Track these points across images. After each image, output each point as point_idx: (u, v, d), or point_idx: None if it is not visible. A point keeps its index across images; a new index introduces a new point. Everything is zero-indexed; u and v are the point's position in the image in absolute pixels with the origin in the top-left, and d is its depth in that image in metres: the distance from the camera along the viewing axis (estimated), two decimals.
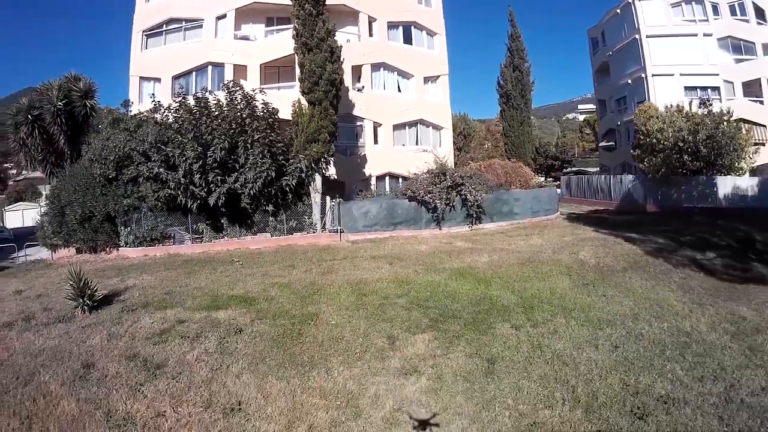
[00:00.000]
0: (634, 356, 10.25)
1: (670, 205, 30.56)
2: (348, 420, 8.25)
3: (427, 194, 22.62)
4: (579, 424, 7.93)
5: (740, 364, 9.72)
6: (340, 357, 10.22)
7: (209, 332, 11.07)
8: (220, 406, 8.55)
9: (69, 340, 10.99)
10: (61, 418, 7.96)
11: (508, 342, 10.90)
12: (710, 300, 13.75)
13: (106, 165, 20.22)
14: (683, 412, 8.05)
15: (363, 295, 13.23)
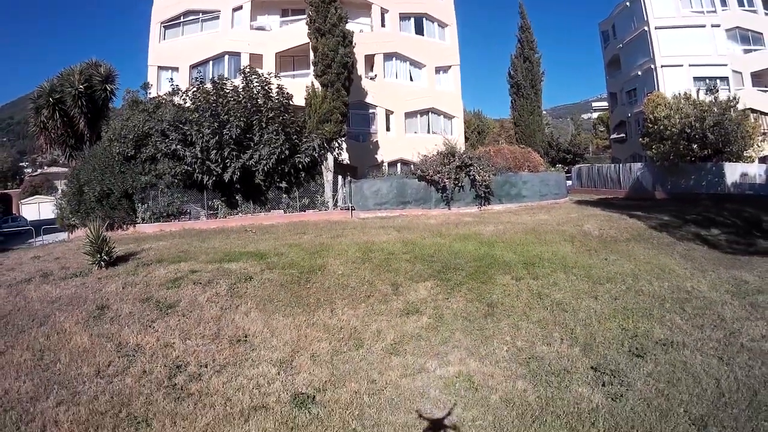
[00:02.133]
0: (633, 307, 10.75)
1: (679, 191, 30.80)
2: (349, 350, 8.85)
3: (436, 174, 23.17)
4: (576, 359, 8.48)
5: (741, 316, 10.19)
6: (345, 300, 10.82)
7: (220, 279, 11.72)
8: (227, 338, 9.18)
9: (85, 289, 11.67)
10: (73, 350, 8.63)
11: (508, 290, 11.44)
12: (712, 267, 14.14)
13: (125, 143, 21.03)
14: (682, 352, 8.55)
15: (369, 252, 13.82)
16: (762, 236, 19.00)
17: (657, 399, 7.04)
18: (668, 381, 7.57)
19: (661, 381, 7.58)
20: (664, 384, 7.47)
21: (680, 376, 7.70)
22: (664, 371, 7.89)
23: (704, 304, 11.02)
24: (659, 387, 7.39)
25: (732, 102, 30.01)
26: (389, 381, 7.70)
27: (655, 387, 7.40)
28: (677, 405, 6.87)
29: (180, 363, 8.29)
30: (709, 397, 7.03)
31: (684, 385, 7.41)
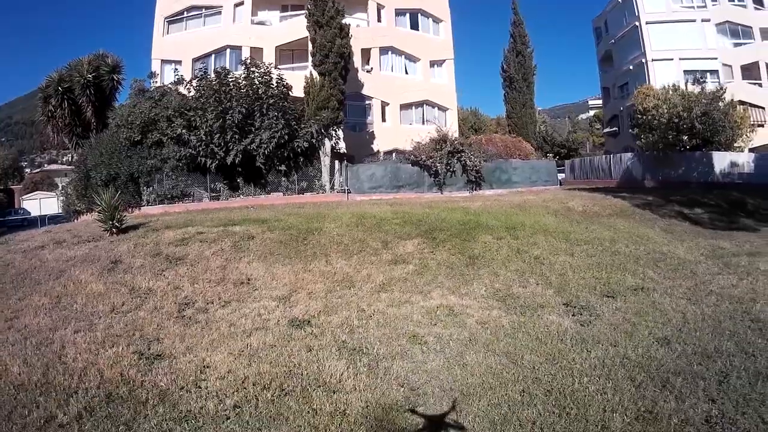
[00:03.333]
0: (607, 263, 11.65)
1: (668, 180, 31.58)
2: (342, 289, 9.79)
3: (428, 159, 24.11)
4: (550, 298, 9.40)
5: (713, 272, 11.05)
6: (339, 253, 11.77)
7: (225, 239, 12.65)
8: (232, 282, 10.11)
9: (98, 250, 12.56)
10: (89, 295, 9.54)
11: (490, 247, 12.35)
12: (691, 238, 15.01)
13: (132, 129, 21.96)
14: (652, 295, 9.44)
15: (362, 218, 14.74)
16: (746, 216, 19.83)
17: (623, 325, 7.84)
18: (636, 313, 8.36)
19: (628, 313, 8.39)
20: (631, 315, 8.27)
21: (648, 310, 8.50)
22: (632, 307, 8.72)
23: (678, 263, 11.87)
24: (627, 317, 8.20)
25: (719, 92, 30.83)
26: (377, 310, 8.60)
27: (623, 317, 8.21)
28: (643, 329, 7.62)
29: (188, 301, 9.21)
30: (674, 325, 7.77)
31: (651, 317, 8.18)
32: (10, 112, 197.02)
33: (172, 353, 6.98)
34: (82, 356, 6.83)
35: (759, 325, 7.52)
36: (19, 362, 6.62)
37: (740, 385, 5.56)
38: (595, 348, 6.90)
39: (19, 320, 8.29)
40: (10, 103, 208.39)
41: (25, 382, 6.12)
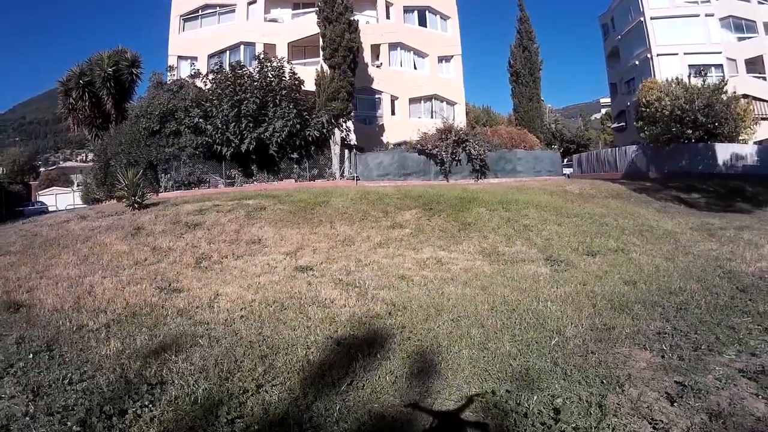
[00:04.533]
0: (594, 231, 12.49)
1: (672, 171, 32.14)
2: (343, 247, 10.79)
3: (434, 148, 24.98)
4: (532, 254, 10.33)
5: (695, 240, 11.84)
6: (343, 221, 12.76)
7: (239, 209, 13.70)
8: (244, 241, 11.16)
9: (121, 220, 13.68)
10: (114, 253, 10.64)
11: (482, 216, 13.28)
12: (682, 216, 15.76)
13: (151, 119, 23.12)
14: (631, 254, 10.30)
15: (366, 194, 15.75)
16: (743, 201, 20.44)
17: (596, 272, 8.68)
18: (611, 265, 9.19)
19: (604, 265, 9.23)
20: (606, 267, 9.09)
21: (623, 264, 9.32)
22: (609, 261, 9.57)
23: (663, 233, 12.66)
24: (602, 267, 9.04)
25: (721, 85, 31.38)
26: (373, 260, 9.59)
27: (598, 267, 9.07)
28: (614, 275, 8.42)
29: (205, 256, 10.25)
30: (645, 273, 8.55)
31: (624, 268, 8.99)
32: (23, 112, 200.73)
33: (189, 288, 8.02)
34: (108, 292, 7.87)
35: (729, 275, 8.23)
36: (52, 297, 7.66)
37: (698, 312, 6.28)
38: (565, 285, 7.80)
39: (50, 271, 9.34)
40: (24, 104, 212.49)
41: (59, 308, 7.17)
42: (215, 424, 3.80)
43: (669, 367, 4.63)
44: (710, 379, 4.36)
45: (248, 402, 4.14)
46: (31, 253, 10.85)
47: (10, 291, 7.95)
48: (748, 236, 11.83)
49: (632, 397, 4.05)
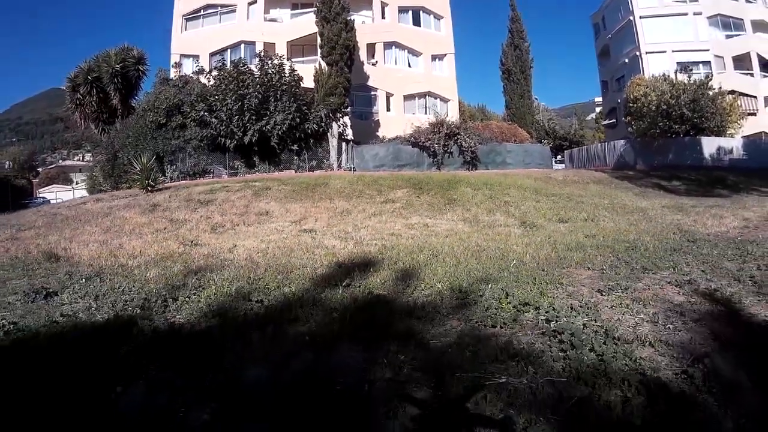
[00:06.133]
0: (570, 207, 13.63)
1: (659, 164, 33.26)
2: (341, 216, 12.00)
3: (427, 140, 26.16)
4: (509, 222, 11.54)
5: (665, 214, 12.83)
6: (341, 197, 13.95)
7: (246, 189, 14.88)
8: (254, 213, 12.34)
9: (136, 200, 14.80)
10: (134, 225, 11.81)
11: (467, 194, 14.46)
12: (658, 198, 16.82)
13: (157, 113, 24.29)
14: (599, 222, 11.40)
15: (362, 178, 17.01)
16: (722, 188, 21.42)
17: (563, 232, 9.81)
18: (578, 228, 10.28)
19: (572, 228, 10.36)
20: (574, 229, 10.22)
21: (589, 227, 10.43)
22: (577, 225, 10.71)
23: (635, 209, 13.75)
24: (569, 229, 10.17)
25: (707, 81, 32.55)
26: (368, 225, 10.80)
27: (566, 229, 10.22)
28: (578, 233, 9.49)
29: (219, 224, 11.42)
30: (607, 232, 9.56)
31: (589, 229, 10.07)
32: (20, 113, 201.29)
33: (209, 243, 9.22)
34: (137, 248, 9.04)
35: (685, 234, 9.21)
36: (87, 253, 8.81)
37: (645, 252, 7.31)
38: (533, 239, 8.96)
39: (78, 238, 10.48)
40: (21, 104, 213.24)
41: (96, 257, 8.34)
42: (247, 304, 5.00)
43: (605, 278, 5.79)
44: (640, 285, 5.49)
45: (272, 293, 5.34)
46: (55, 227, 11.94)
47: (46, 249, 9.05)
48: (716, 211, 12.74)
49: (568, 290, 5.23)
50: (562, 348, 3.62)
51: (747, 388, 2.99)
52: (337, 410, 2.91)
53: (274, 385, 3.23)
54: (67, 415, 2.89)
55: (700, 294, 4.95)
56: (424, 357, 3.56)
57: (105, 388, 3.17)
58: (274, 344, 3.88)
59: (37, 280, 6.66)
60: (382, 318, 4.42)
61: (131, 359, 3.66)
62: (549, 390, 3.04)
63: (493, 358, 3.50)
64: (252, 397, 3.08)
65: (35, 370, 3.49)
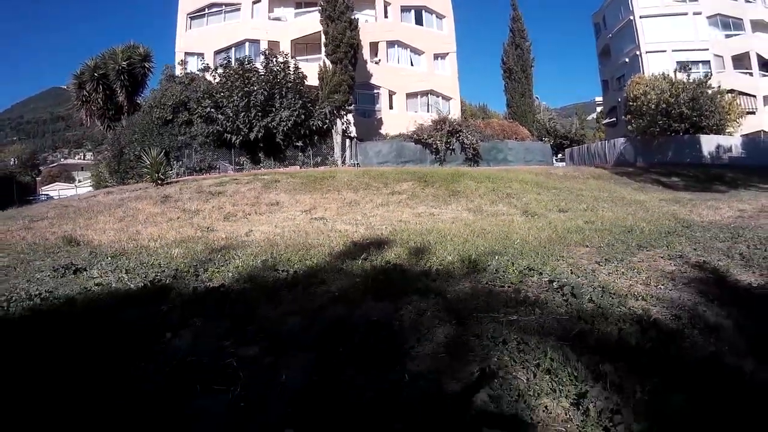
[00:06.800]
0: (570, 199, 14.02)
1: (658, 162, 33.62)
2: (350, 206, 12.38)
3: (429, 137, 26.62)
4: (511, 211, 11.93)
5: (662, 205, 13.22)
6: (349, 189, 14.33)
7: (255, 182, 15.26)
8: (264, 204, 12.71)
9: (147, 192, 15.16)
10: (148, 214, 12.20)
11: (470, 187, 14.84)
12: (657, 193, 17.20)
13: (164, 109, 24.68)
14: (598, 211, 11.74)
15: (368, 172, 17.41)
16: (720, 184, 21.76)
17: (563, 219, 10.18)
18: (578, 216, 10.68)
19: (571, 217, 10.72)
20: (574, 217, 10.61)
21: (589, 215, 10.76)
22: (576, 215, 11.05)
23: (634, 201, 14.17)
24: (570, 217, 10.55)
25: (705, 79, 32.94)
26: (376, 214, 11.19)
27: (567, 217, 10.60)
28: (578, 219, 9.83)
29: (231, 214, 11.82)
30: (605, 219, 9.79)
31: (587, 217, 10.40)
32: (21, 112, 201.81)
33: (224, 229, 9.59)
34: (155, 233, 9.41)
35: (680, 221, 9.59)
36: (105, 238, 9.23)
37: (640, 235, 7.69)
38: (534, 224, 9.36)
39: (93, 226, 10.87)
40: (22, 103, 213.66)
41: (115, 241, 8.73)
42: (274, 273, 5.39)
43: (603, 253, 6.19)
44: (635, 259, 5.90)
45: (295, 265, 5.75)
46: (67, 218, 12.30)
47: (64, 235, 9.41)
48: (712, 204, 13.17)
49: (569, 262, 5.63)
50: (565, 298, 4.06)
51: (728, 327, 3.38)
52: (372, 341, 3.30)
53: (313, 328, 3.61)
54: (119, 358, 3.24)
55: (691, 265, 5.36)
56: (444, 304, 3.97)
57: (153, 336, 3.54)
58: (306, 300, 4.28)
59: (62, 260, 6.96)
60: (401, 280, 4.84)
61: (174, 315, 4.04)
62: (555, 325, 3.47)
63: (504, 305, 3.93)
64: (294, 338, 3.46)
65: (80, 328, 3.83)
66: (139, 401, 2.61)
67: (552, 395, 2.57)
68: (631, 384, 2.56)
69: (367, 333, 3.39)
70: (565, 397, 2.53)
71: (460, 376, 2.78)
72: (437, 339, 3.29)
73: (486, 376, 2.67)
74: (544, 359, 2.84)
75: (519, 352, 2.99)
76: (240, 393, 2.66)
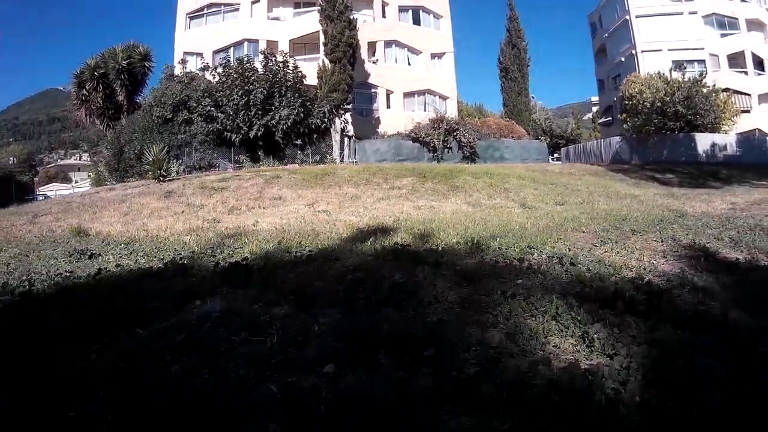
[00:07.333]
0: (566, 193, 14.31)
1: (653, 159, 33.94)
2: (352, 201, 12.64)
3: (427, 136, 26.94)
4: (510, 204, 12.18)
5: (656, 199, 13.52)
6: (350, 184, 14.58)
7: (257, 178, 15.49)
8: (267, 199, 12.94)
9: (150, 188, 15.37)
10: (152, 209, 12.42)
11: (468, 182, 15.12)
12: (652, 188, 17.49)
13: (164, 108, 24.89)
14: (594, 204, 12.01)
15: (367, 168, 17.69)
16: (715, 180, 22.07)
17: (560, 211, 10.47)
18: (574, 208, 10.91)
19: (568, 209, 11.00)
20: (570, 208, 10.88)
21: (585, 208, 11.06)
22: (572, 207, 11.37)
23: (628, 195, 14.46)
24: (567, 209, 10.77)
25: (700, 78, 33.26)
26: (378, 207, 11.47)
27: (564, 209, 10.83)
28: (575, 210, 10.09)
29: (235, 208, 12.08)
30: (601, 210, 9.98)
31: (583, 208, 10.75)
32: (17, 113, 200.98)
33: (230, 221, 9.84)
34: (163, 225, 9.63)
35: (673, 212, 9.90)
36: (114, 229, 9.45)
37: (634, 223, 7.89)
38: (532, 215, 9.64)
39: (99, 220, 11.12)
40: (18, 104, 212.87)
41: (124, 232, 8.98)
42: (288, 254, 5.64)
43: (598, 237, 6.47)
44: (629, 242, 6.18)
45: (307, 247, 6.02)
46: (72, 212, 12.51)
47: (71, 227, 9.62)
48: (706, 197, 13.56)
49: (566, 244, 5.93)
50: (565, 268, 4.40)
51: (715, 289, 3.68)
52: (399, 294, 3.58)
53: (337, 290, 3.89)
54: (152, 320, 3.48)
55: (682, 246, 5.65)
56: (454, 273, 4.28)
57: (183, 303, 3.79)
58: (324, 271, 4.56)
59: (74, 247, 7.16)
60: (413, 255, 5.13)
61: (199, 286, 4.29)
62: (557, 286, 3.77)
63: (509, 272, 4.24)
64: (321, 297, 3.73)
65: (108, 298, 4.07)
66: (182, 351, 2.86)
67: (559, 334, 2.95)
68: (628, 324, 2.85)
69: (392, 288, 3.66)
70: (571, 335, 2.91)
71: (477, 320, 3.10)
72: (452, 297, 3.60)
73: (499, 321, 2.96)
74: (550, 307, 3.17)
75: (527, 304, 3.30)
76: (278, 341, 2.91)
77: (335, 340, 2.84)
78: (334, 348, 2.74)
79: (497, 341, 2.68)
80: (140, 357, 2.76)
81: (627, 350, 2.54)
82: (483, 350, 2.61)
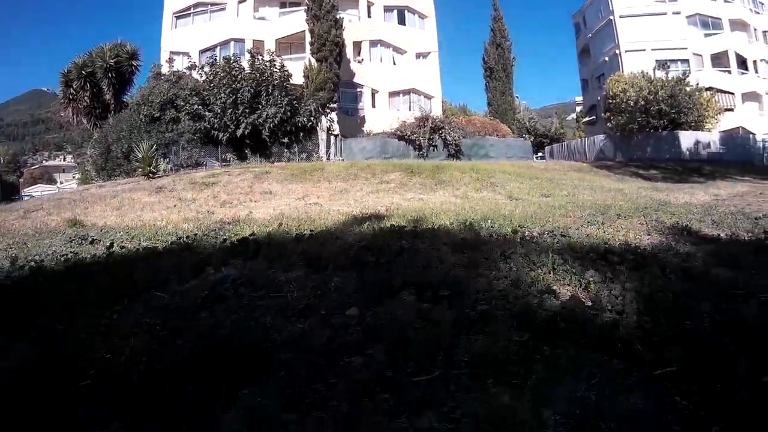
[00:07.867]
0: (552, 186, 14.58)
1: (637, 157, 34.37)
2: (341, 194, 12.82)
3: (413, 134, 27.19)
4: (499, 197, 12.36)
5: (641, 192, 13.80)
6: (339, 179, 14.78)
7: (247, 173, 15.64)
8: (258, 193, 13.10)
9: (140, 184, 15.45)
10: (144, 204, 12.50)
11: (455, 176, 15.36)
12: (636, 183, 17.84)
13: (151, 107, 24.90)
14: (577, 195, 12.30)
15: (355, 164, 17.95)
16: (698, 176, 22.52)
17: (545, 201, 10.73)
18: (559, 200, 11.23)
19: (553, 200, 11.26)
20: (554, 200, 11.14)
21: (570, 199, 11.36)
22: (558, 198, 11.63)
23: (613, 189, 14.78)
24: (553, 201, 11.05)
25: (684, 77, 33.78)
26: (367, 200, 11.67)
27: (546, 201, 11.10)
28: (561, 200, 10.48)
29: (226, 202, 12.20)
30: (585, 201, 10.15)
31: (569, 200, 11.02)
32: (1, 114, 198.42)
33: (224, 213, 9.97)
34: (158, 217, 9.74)
35: (656, 202, 10.18)
36: (109, 221, 9.53)
37: (619, 210, 8.22)
38: (520, 205, 9.90)
39: (91, 213, 11.19)
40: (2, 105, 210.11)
41: (119, 223, 9.08)
42: (289, 235, 5.81)
43: (584, 221, 6.74)
44: (615, 223, 6.47)
45: (306, 230, 6.17)
46: (64, 207, 12.47)
47: (67, 219, 9.69)
48: (689, 190, 14.02)
49: (554, 226, 6.11)
50: (556, 239, 4.63)
51: (699, 255, 3.94)
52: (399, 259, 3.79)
53: (344, 258, 4.10)
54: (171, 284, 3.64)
55: (666, 226, 5.94)
56: (452, 242, 4.51)
57: (197, 272, 3.96)
58: (328, 245, 4.75)
59: (73, 235, 7.24)
60: (408, 233, 5.33)
61: (210, 259, 4.46)
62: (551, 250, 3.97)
63: (505, 242, 4.47)
64: (333, 262, 3.93)
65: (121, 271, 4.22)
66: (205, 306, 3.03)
67: (558, 282, 3.22)
68: (620, 271, 3.11)
69: (399, 253, 3.88)
70: (569, 283, 3.17)
71: (482, 273, 3.37)
72: (455, 260, 3.82)
73: (502, 273, 3.21)
74: (547, 261, 3.41)
75: (525, 262, 3.54)
76: (298, 296, 3.11)
77: (354, 291, 3.04)
78: (353, 296, 2.94)
79: (503, 286, 2.91)
80: (165, 311, 2.93)
81: (621, 288, 2.78)
82: (492, 293, 2.83)
